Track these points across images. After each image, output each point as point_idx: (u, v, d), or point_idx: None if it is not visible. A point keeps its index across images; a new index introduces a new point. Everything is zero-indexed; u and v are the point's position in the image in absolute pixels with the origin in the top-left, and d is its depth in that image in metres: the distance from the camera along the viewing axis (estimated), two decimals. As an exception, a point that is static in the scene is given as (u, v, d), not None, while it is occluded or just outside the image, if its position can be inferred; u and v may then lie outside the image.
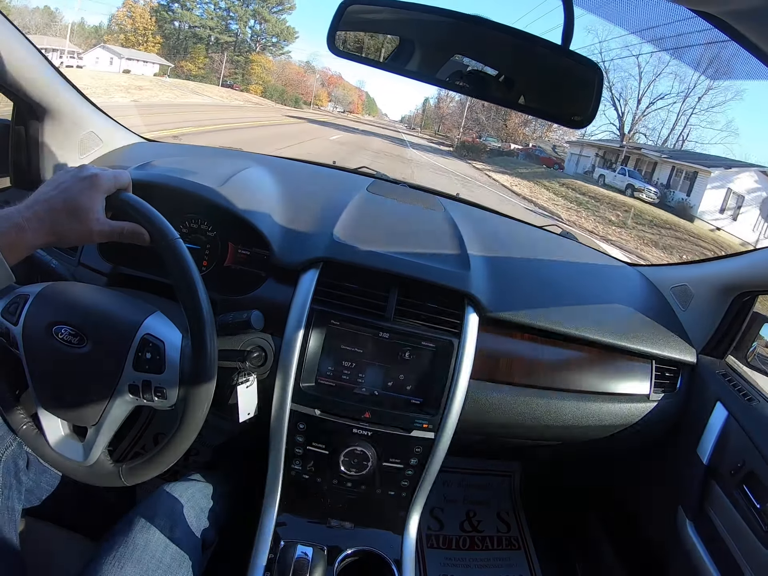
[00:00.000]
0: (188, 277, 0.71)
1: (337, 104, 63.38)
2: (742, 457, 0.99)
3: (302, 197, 1.18)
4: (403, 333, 0.92)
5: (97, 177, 0.71)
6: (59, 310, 0.74)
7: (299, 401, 0.91)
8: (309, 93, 49.76)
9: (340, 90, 64.36)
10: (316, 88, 52.91)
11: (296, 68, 47.63)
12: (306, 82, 49.41)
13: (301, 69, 48.96)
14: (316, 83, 52.85)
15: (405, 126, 75.42)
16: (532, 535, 1.62)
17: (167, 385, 0.72)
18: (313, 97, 49.58)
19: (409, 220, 1.22)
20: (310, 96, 49.61)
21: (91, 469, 0.77)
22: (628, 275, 1.37)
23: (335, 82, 62.15)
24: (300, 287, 0.94)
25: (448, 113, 53.38)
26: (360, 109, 77.57)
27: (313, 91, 50.34)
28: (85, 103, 1.26)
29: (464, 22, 0.63)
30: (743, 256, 1.14)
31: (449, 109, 53.46)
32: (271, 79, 43.22)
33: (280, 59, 45.59)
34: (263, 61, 42.94)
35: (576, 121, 0.62)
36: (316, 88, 53.15)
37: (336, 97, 62.37)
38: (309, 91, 49.80)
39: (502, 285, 1.05)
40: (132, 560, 0.77)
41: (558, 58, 0.59)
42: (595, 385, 1.05)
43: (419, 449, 0.95)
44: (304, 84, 47.61)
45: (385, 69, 0.71)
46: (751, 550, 0.93)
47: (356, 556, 0.95)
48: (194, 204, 1.01)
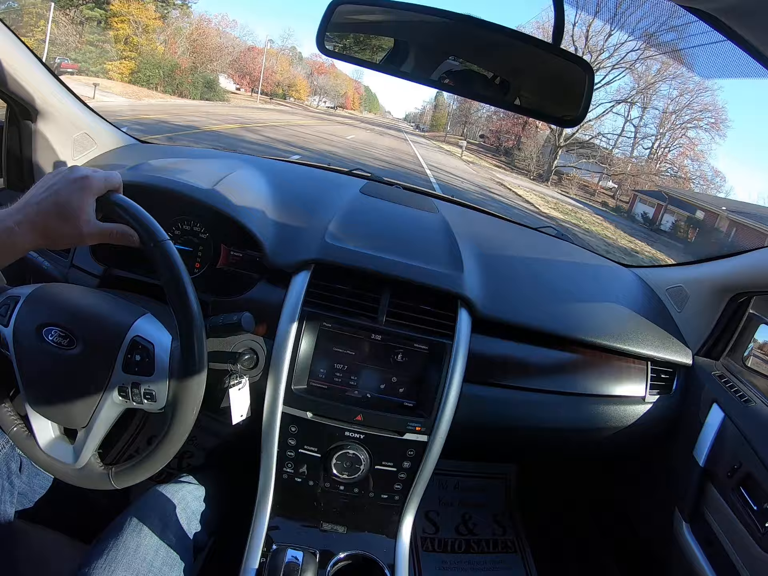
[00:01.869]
0: (177, 279, 0.71)
1: (324, 97, 52.66)
2: (739, 459, 0.98)
3: (295, 199, 1.17)
4: (396, 335, 0.92)
5: (87, 179, 0.70)
6: (49, 312, 0.74)
7: (291, 404, 0.90)
8: (272, 77, 38.31)
9: (331, 80, 52.81)
10: (292, 74, 42.12)
11: (233, 40, 31.36)
12: (265, 64, 36.43)
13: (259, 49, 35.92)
14: (293, 70, 42.35)
15: (412, 126, 68.06)
16: (528, 538, 1.61)
17: (157, 387, 0.72)
18: (264, 82, 35.95)
19: (402, 222, 1.22)
20: (271, 84, 38.33)
21: (81, 471, 0.77)
22: (623, 276, 1.37)
23: (327, 72, 52.03)
24: (292, 289, 0.94)
25: (484, 114, 40.36)
26: (356, 104, 68.92)
27: (269, 73, 37.49)
28: (78, 105, 1.26)
29: (455, 22, 0.63)
30: (739, 256, 1.13)
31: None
32: (160, 48, 22.68)
33: (190, 20, 25.41)
34: (137, 14, 21.42)
35: (567, 120, 0.62)
36: (290, 75, 41.86)
37: (323, 88, 51.35)
38: (273, 76, 38.49)
39: (495, 287, 1.04)
40: (123, 564, 0.76)
41: (549, 56, 0.58)
42: (590, 388, 1.05)
43: (412, 452, 0.94)
44: (252, 64, 34.69)
45: (377, 70, 0.71)
46: (747, 552, 0.92)
47: (349, 560, 0.94)
48: (186, 205, 1.01)
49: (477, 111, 42.16)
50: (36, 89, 1.09)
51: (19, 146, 1.18)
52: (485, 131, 40.66)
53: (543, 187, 26.96)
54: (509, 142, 34.90)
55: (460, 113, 47.46)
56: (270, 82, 38.46)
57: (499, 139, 36.76)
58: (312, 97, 50.10)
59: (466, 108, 44.49)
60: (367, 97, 79.70)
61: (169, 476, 1.03)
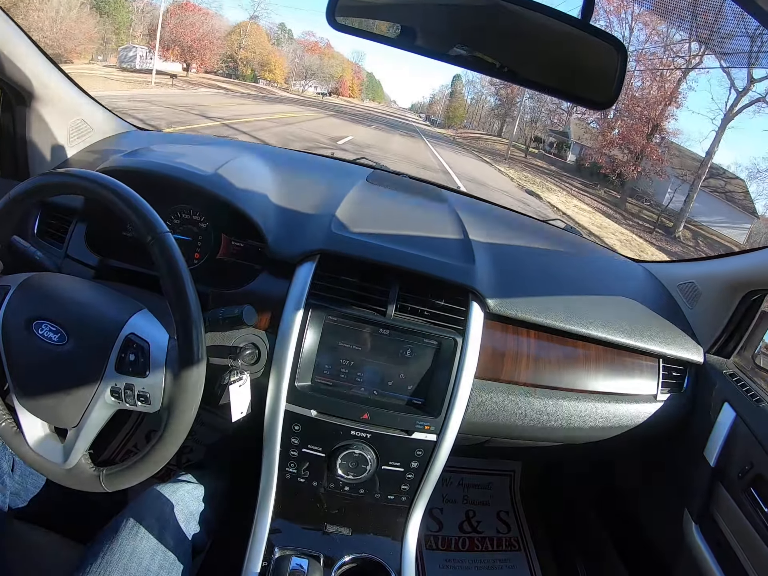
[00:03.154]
0: (176, 274, 0.68)
1: (313, 80, 44.35)
2: (750, 460, 0.97)
3: (299, 187, 1.14)
4: (404, 330, 0.89)
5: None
6: (40, 304, 0.71)
7: (294, 401, 0.87)
8: (239, 54, 30.89)
9: (325, 60, 44.57)
10: (266, 50, 34.60)
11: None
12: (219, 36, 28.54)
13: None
14: (272, 46, 35.25)
15: (422, 118, 59.88)
16: (532, 536, 1.60)
17: (151, 389, 0.70)
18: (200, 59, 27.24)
19: (411, 212, 1.19)
20: (236, 62, 31.30)
21: (70, 472, 0.75)
22: (634, 272, 1.35)
23: (322, 52, 45.18)
24: (296, 281, 0.90)
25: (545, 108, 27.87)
26: (356, 90, 61.41)
27: (233, 49, 30.95)
28: (75, 90, 1.22)
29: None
30: (753, 253, 1.11)
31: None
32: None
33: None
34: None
35: (598, 102, 0.59)
36: (265, 51, 34.25)
37: (309, 69, 42.47)
38: (240, 52, 30.91)
39: (507, 280, 1.01)
40: (119, 568, 0.75)
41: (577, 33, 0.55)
42: (601, 385, 1.02)
43: (420, 452, 0.91)
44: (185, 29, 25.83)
45: (392, 45, 0.66)
46: (758, 554, 0.91)
47: (354, 564, 0.92)
48: (186, 193, 0.98)
49: (533, 103, 28.71)
50: (33, 73, 1.06)
51: (13, 133, 1.14)
52: (545, 134, 28.50)
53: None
54: (625, 168, 20.28)
55: (499, 104, 35.58)
56: (239, 61, 32.00)
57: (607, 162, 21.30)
58: (298, 81, 42.52)
59: (511, 97, 31.84)
60: (370, 84, 73.18)
61: (168, 473, 1.00)
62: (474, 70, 0.63)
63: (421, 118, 60.13)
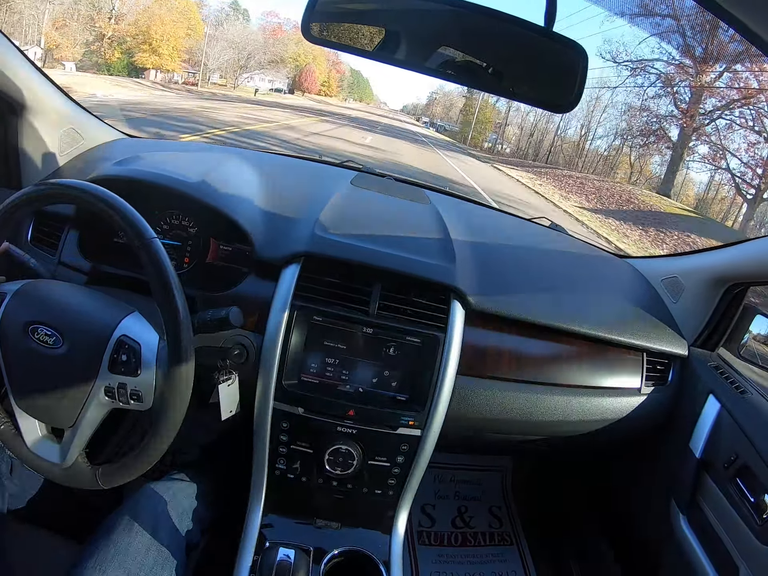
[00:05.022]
0: (164, 279, 0.70)
1: (261, 71, 32.24)
2: (735, 451, 0.98)
3: (284, 191, 1.16)
4: (388, 328, 0.91)
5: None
6: (36, 310, 0.74)
7: (282, 399, 0.90)
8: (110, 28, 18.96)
9: (291, 48, 34.23)
10: (149, 12, 21.11)
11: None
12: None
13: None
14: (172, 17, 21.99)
15: (420, 123, 47.42)
16: (524, 530, 1.61)
17: (143, 388, 0.72)
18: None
19: (394, 214, 1.20)
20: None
21: (68, 471, 0.77)
22: (618, 267, 1.36)
23: (288, 36, 34.93)
24: (281, 282, 0.92)
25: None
26: (333, 87, 48.71)
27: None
28: (64, 99, 1.24)
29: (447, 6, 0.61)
30: (734, 247, 1.13)
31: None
32: None
33: None
34: None
35: (560, 105, 0.61)
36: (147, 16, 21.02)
37: (254, 56, 30.08)
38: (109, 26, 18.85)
39: (488, 278, 1.03)
40: (114, 564, 0.76)
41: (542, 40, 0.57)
42: (585, 379, 1.04)
43: (406, 447, 0.93)
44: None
45: (368, 57, 0.69)
46: (744, 543, 0.92)
47: (343, 557, 0.93)
48: (175, 200, 1.00)
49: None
50: (24, 84, 1.08)
51: (5, 143, 1.16)
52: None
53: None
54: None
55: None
56: (108, 42, 19.80)
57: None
58: (247, 77, 29.85)
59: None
60: (356, 82, 62.20)
61: (162, 473, 1.02)
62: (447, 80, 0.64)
63: (421, 123, 47.92)
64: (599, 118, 28.65)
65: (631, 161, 26.20)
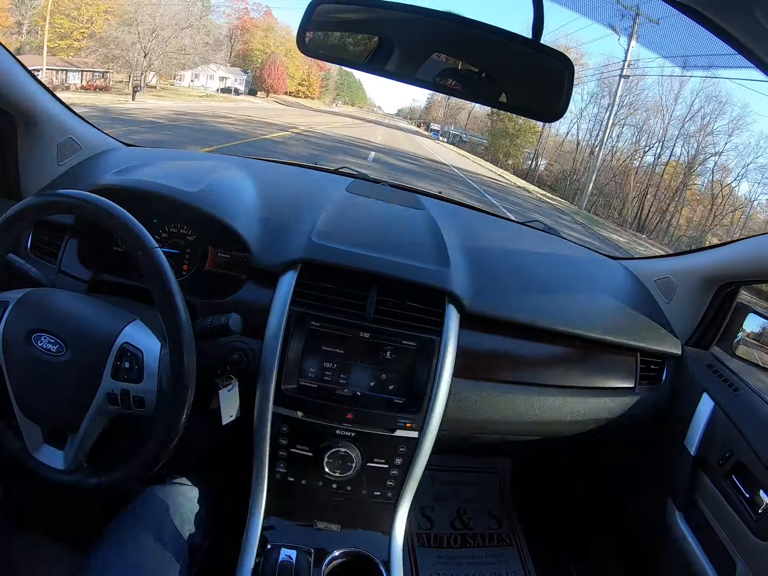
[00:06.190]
0: (166, 287, 0.72)
1: (214, 66, 24.68)
2: (730, 448, 0.99)
3: (281, 199, 1.17)
4: (384, 332, 0.92)
5: None
6: (39, 318, 0.75)
7: (281, 403, 0.91)
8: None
9: (265, 35, 28.11)
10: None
11: None
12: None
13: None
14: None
15: (429, 132, 40.84)
16: (523, 531, 1.62)
17: (146, 394, 0.73)
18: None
19: (389, 220, 1.22)
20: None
21: (71, 477, 0.78)
22: (611, 269, 1.38)
23: (260, 26, 29.55)
24: (279, 289, 0.94)
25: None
26: (315, 88, 40.97)
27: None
28: (62, 109, 1.25)
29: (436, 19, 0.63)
30: (726, 246, 1.14)
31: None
32: None
33: None
34: None
35: (549, 114, 0.62)
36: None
37: (167, 46, 21.40)
38: None
39: (483, 282, 1.05)
40: (117, 568, 0.77)
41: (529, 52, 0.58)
42: (579, 380, 1.05)
43: (403, 449, 0.94)
44: None
45: (361, 69, 0.71)
46: (740, 538, 0.93)
47: (344, 558, 0.94)
48: (173, 208, 1.01)
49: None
50: (22, 94, 1.08)
51: (3, 154, 1.17)
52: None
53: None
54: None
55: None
56: None
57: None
58: (154, 74, 21.78)
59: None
60: (346, 82, 54.62)
61: (164, 478, 1.03)
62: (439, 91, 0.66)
63: (428, 132, 40.07)
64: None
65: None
